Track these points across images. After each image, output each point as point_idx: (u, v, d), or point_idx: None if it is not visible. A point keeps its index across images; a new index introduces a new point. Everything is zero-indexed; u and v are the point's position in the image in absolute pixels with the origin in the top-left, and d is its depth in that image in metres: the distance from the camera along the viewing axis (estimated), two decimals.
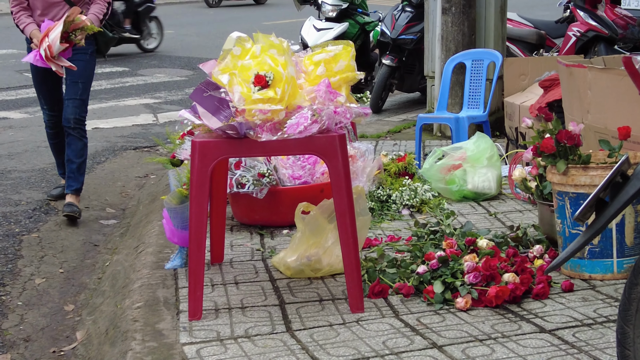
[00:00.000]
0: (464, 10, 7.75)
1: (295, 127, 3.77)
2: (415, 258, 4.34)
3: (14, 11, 6.09)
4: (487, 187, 5.69)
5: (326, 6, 9.90)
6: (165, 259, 4.74)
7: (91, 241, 5.87)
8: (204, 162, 3.87)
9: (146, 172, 7.52)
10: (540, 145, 4.23)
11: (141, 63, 13.36)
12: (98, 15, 6.07)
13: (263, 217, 5.21)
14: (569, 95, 5.49)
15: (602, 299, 3.93)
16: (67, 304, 4.86)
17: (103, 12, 6.11)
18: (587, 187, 4.08)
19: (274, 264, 4.52)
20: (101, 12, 6.10)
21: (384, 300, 4.02)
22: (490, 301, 3.88)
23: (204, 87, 3.88)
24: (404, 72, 9.58)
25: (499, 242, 4.51)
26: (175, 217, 4.49)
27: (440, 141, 7.74)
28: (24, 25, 6.03)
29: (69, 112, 6.16)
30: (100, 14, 6.08)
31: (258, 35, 3.96)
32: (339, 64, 4.08)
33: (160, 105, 10.38)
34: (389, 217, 5.37)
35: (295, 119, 3.79)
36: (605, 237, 4.11)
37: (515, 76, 7.09)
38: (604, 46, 8.89)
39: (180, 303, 4.09)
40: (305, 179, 5.30)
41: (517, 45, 9.23)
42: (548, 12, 14.28)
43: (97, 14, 6.07)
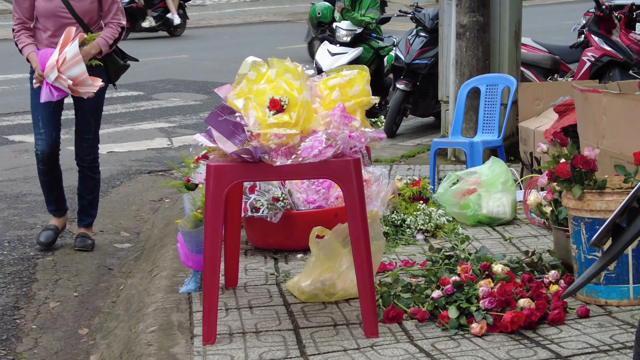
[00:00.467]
0: (479, 35, 7.77)
1: (310, 150, 3.78)
2: (430, 283, 4.33)
3: (15, 29, 5.73)
4: (502, 212, 5.68)
5: (340, 31, 9.93)
6: (180, 283, 4.74)
7: (105, 265, 5.88)
8: (218, 186, 3.87)
9: (161, 196, 7.54)
10: (556, 170, 4.22)
11: (156, 87, 13.42)
12: (108, 39, 5.70)
13: (277, 241, 5.21)
14: (584, 120, 5.49)
15: (619, 325, 3.90)
16: (81, 327, 4.86)
17: (114, 36, 5.74)
18: (602, 213, 4.06)
19: (288, 288, 4.51)
20: (112, 36, 5.73)
21: (398, 325, 4.01)
22: (506, 327, 3.86)
23: (219, 111, 3.90)
24: (418, 96, 9.59)
25: (514, 268, 4.49)
26: (189, 241, 4.49)
27: (455, 166, 7.73)
28: (23, 45, 5.67)
29: (84, 151, 5.91)
30: (111, 39, 5.72)
31: (273, 59, 3.97)
32: (354, 89, 4.09)
33: (175, 129, 10.42)
34: (404, 242, 5.36)
35: (309, 142, 3.79)
36: (621, 263, 4.09)
37: (530, 101, 7.09)
38: (619, 71, 8.88)
39: (194, 327, 4.09)
40: (319, 203, 5.30)
41: (531, 70, 9.23)
42: (562, 37, 14.29)
43: (108, 38, 5.70)
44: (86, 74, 5.41)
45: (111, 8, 5.77)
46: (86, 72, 5.41)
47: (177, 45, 18.88)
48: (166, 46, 18.61)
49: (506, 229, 5.59)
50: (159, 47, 18.52)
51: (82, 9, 5.70)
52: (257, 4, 27.57)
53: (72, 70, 5.37)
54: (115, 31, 5.76)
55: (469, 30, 7.76)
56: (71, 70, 5.37)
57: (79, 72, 5.40)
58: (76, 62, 5.37)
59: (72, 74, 5.38)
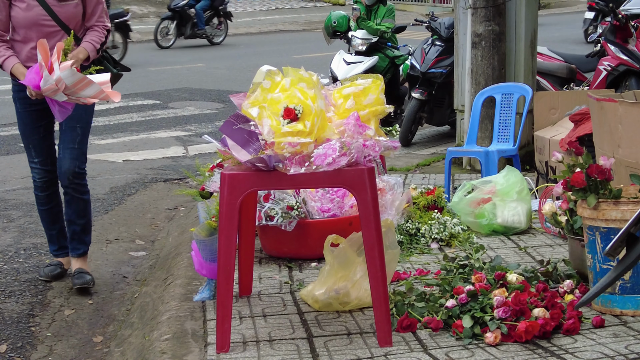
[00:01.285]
0: (494, 44, 7.76)
1: (323, 158, 3.78)
2: (444, 292, 4.32)
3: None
4: (517, 221, 5.66)
5: (356, 40, 9.94)
6: (194, 291, 4.75)
7: (120, 273, 5.90)
8: (233, 194, 3.88)
9: (176, 204, 7.56)
10: (571, 180, 4.21)
11: (172, 96, 13.46)
12: (95, 43, 5.18)
13: (291, 250, 5.21)
14: (600, 130, 5.47)
15: (634, 335, 3.88)
16: (95, 335, 4.87)
17: (101, 40, 5.22)
18: (618, 222, 4.04)
19: (302, 296, 4.51)
20: (99, 40, 5.21)
21: (412, 335, 4.00)
22: (520, 336, 3.84)
23: (234, 120, 3.91)
24: (433, 105, 9.58)
25: (529, 277, 4.47)
26: (204, 249, 4.50)
27: (470, 175, 7.72)
28: (3, 59, 5.09)
29: (66, 164, 5.23)
30: (98, 43, 5.19)
31: (288, 68, 3.98)
32: (368, 98, 4.09)
33: (190, 137, 10.45)
34: (418, 251, 5.35)
35: (322, 149, 3.79)
36: (636, 273, 4.07)
37: (546, 110, 7.07)
38: (635, 80, 8.85)
39: (208, 335, 4.09)
40: (334, 211, 5.30)
41: (547, 79, 9.20)
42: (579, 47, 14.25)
43: (94, 42, 5.18)
44: (103, 92, 4.87)
45: (95, 10, 5.26)
46: (102, 90, 4.86)
47: (193, 54, 18.95)
48: (183, 55, 18.69)
49: (521, 238, 5.58)
50: (177, 55, 18.60)
51: (66, 14, 5.16)
52: (273, 12, 27.64)
53: (85, 91, 4.84)
54: (102, 34, 5.26)
55: (484, 39, 7.76)
56: (84, 91, 4.84)
57: (94, 92, 4.85)
58: (84, 85, 4.81)
59: (87, 94, 4.86)
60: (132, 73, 6.52)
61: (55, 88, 4.76)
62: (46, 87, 4.78)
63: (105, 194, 7.81)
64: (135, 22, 24.19)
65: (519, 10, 7.90)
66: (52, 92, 4.79)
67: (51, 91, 4.79)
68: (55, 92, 4.79)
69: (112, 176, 8.50)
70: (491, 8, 7.72)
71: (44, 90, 4.81)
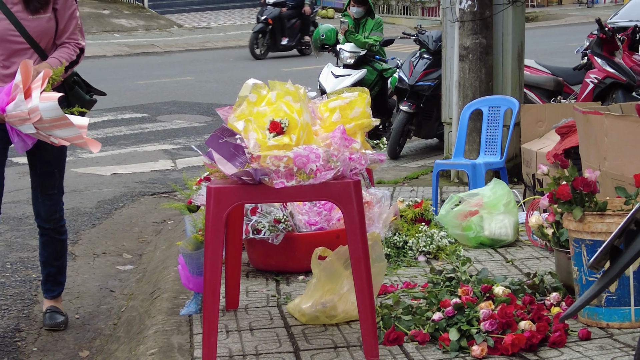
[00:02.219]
0: (481, 57, 7.79)
1: (305, 161, 3.74)
2: (431, 305, 4.32)
3: None
4: (504, 234, 5.67)
5: (344, 53, 9.96)
6: (181, 305, 4.74)
7: (107, 287, 5.88)
8: (219, 208, 3.88)
9: (164, 218, 7.54)
10: (557, 192, 4.22)
11: (160, 109, 13.45)
12: (61, 59, 4.59)
13: (279, 263, 5.20)
14: (586, 142, 5.49)
15: (620, 348, 3.88)
16: (82, 350, 4.85)
17: (71, 58, 4.65)
18: (603, 235, 4.05)
19: (289, 310, 4.50)
20: (69, 57, 4.64)
21: (399, 348, 3.99)
22: (507, 349, 3.84)
23: (220, 134, 3.91)
24: (421, 118, 9.61)
25: (516, 290, 4.48)
26: (190, 262, 4.49)
27: (458, 187, 7.73)
28: None
29: (49, 210, 4.83)
30: (67, 60, 4.62)
31: (274, 82, 3.99)
32: (354, 111, 4.10)
33: (178, 151, 10.44)
34: (405, 264, 5.35)
35: (304, 151, 3.76)
36: (622, 285, 4.07)
37: (533, 123, 7.09)
38: (622, 93, 8.87)
39: (194, 349, 4.08)
40: (321, 225, 5.30)
41: (534, 92, 9.24)
42: (566, 59, 14.31)
43: (61, 58, 4.60)
44: (82, 137, 4.33)
45: (68, 25, 4.70)
46: (81, 135, 4.32)
47: (182, 67, 18.94)
48: (171, 68, 18.68)
49: (508, 251, 5.58)
50: (164, 68, 18.59)
51: (37, 29, 4.60)
52: None
53: (60, 131, 4.31)
54: (73, 52, 4.69)
55: (471, 53, 7.78)
56: (60, 131, 4.31)
57: (70, 135, 4.32)
58: (62, 124, 4.29)
59: (62, 135, 4.33)
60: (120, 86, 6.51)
61: (25, 117, 4.24)
62: (14, 113, 4.27)
63: (93, 208, 7.80)
64: (124, 36, 24.22)
65: (506, 23, 7.93)
66: (18, 120, 4.27)
67: (18, 119, 4.27)
68: (23, 121, 4.26)
69: (100, 190, 8.48)
70: (478, 21, 7.75)
71: (8, 116, 4.30)
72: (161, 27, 26.05)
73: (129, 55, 21.26)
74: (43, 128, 4.30)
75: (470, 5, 7.73)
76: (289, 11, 20.29)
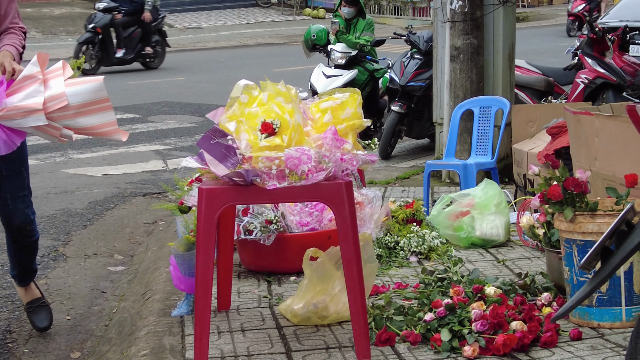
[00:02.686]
0: (472, 58, 7.80)
1: (296, 162, 3.75)
2: (423, 305, 4.32)
3: None
4: (496, 234, 5.68)
5: (335, 53, 9.97)
6: (173, 306, 4.73)
7: (99, 288, 5.86)
8: (210, 209, 3.87)
9: (155, 219, 7.53)
10: (548, 193, 4.23)
11: (152, 110, 13.44)
12: (17, 46, 4.36)
13: (270, 264, 5.20)
14: (577, 143, 5.50)
15: (611, 348, 3.89)
16: (73, 351, 4.84)
17: (22, 43, 4.42)
18: (594, 235, 4.06)
19: (280, 311, 4.50)
20: (20, 43, 4.40)
21: (390, 348, 4.00)
22: (498, 349, 3.85)
23: (211, 135, 3.91)
24: (412, 118, 9.62)
25: (507, 290, 4.49)
26: (182, 263, 4.49)
27: (449, 188, 7.74)
28: None
29: (20, 216, 4.53)
30: (20, 45, 4.39)
31: (265, 83, 3.99)
32: (346, 112, 4.10)
33: (170, 151, 10.43)
34: (397, 264, 5.36)
35: (296, 152, 3.76)
36: (613, 285, 4.08)
37: (524, 123, 7.11)
38: (612, 93, 8.90)
39: (186, 351, 4.08)
40: (312, 225, 5.30)
41: (525, 92, 9.25)
42: (557, 60, 14.34)
43: (17, 45, 4.37)
44: (114, 122, 4.14)
45: (9, 10, 4.45)
46: (114, 121, 4.14)
47: (173, 68, 18.91)
48: (162, 69, 18.65)
49: (500, 251, 5.59)
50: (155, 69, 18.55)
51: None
52: (253, 26, 27.66)
53: (89, 118, 4.09)
54: (22, 37, 4.46)
55: (462, 53, 7.79)
56: (88, 118, 4.09)
57: (101, 122, 4.12)
58: (97, 109, 4.09)
59: (89, 123, 4.12)
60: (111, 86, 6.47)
61: (35, 108, 4.04)
62: (20, 104, 4.04)
63: (84, 209, 7.78)
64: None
65: (496, 23, 7.94)
66: (22, 112, 4.04)
67: (22, 111, 4.04)
68: (28, 113, 4.04)
69: (91, 190, 8.47)
70: (469, 22, 7.76)
71: (8, 109, 4.05)
72: None
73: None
74: (61, 117, 4.07)
75: (461, 5, 7.74)
76: (124, 18, 17.40)
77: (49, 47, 21.42)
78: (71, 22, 25.13)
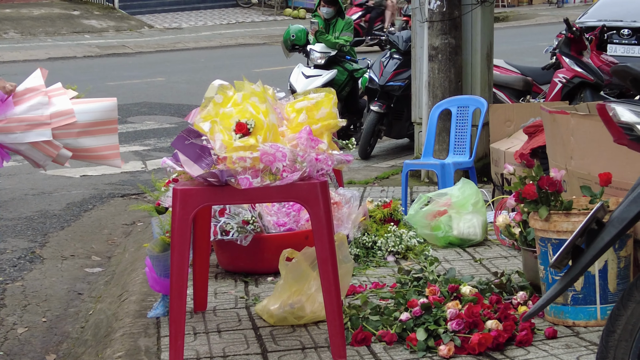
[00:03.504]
0: (451, 57, 7.81)
1: (272, 159, 3.74)
2: (399, 305, 4.32)
3: None
4: (473, 233, 5.69)
5: (315, 53, 9.96)
6: (149, 308, 4.71)
7: (75, 290, 5.83)
8: (185, 209, 3.86)
9: (133, 220, 7.50)
10: (523, 192, 4.24)
11: (131, 110, 13.38)
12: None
13: (247, 264, 5.19)
14: (553, 142, 5.51)
15: (586, 346, 3.91)
16: (49, 353, 4.81)
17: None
18: (569, 234, 4.07)
19: (257, 311, 4.49)
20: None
21: (366, 348, 4.00)
22: (473, 348, 3.86)
23: (186, 135, 3.89)
24: (392, 118, 9.63)
25: (483, 289, 4.49)
26: (157, 265, 4.47)
27: (428, 187, 7.75)
28: None
29: None
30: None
31: (240, 83, 3.98)
32: (321, 112, 4.10)
33: (149, 152, 10.39)
34: (374, 264, 5.36)
35: (271, 149, 3.75)
36: (588, 284, 4.10)
37: (501, 122, 7.12)
38: (590, 92, 8.93)
39: (161, 352, 4.06)
40: (290, 225, 5.29)
41: (503, 91, 9.28)
42: (536, 59, 14.39)
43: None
44: (117, 146, 4.00)
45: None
46: (117, 145, 4.01)
47: (153, 68, 18.85)
48: (142, 69, 18.59)
49: (477, 250, 5.60)
50: (134, 69, 18.50)
51: None
52: (234, 26, 27.61)
53: (91, 139, 3.93)
54: None
55: (441, 53, 7.80)
56: (90, 139, 3.93)
57: (103, 144, 3.99)
58: (103, 130, 3.92)
59: (90, 144, 3.97)
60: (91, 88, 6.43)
61: (42, 121, 3.84)
62: (23, 116, 3.79)
63: (62, 210, 7.74)
64: (95, 37, 24.08)
65: (474, 23, 7.95)
66: (25, 125, 3.81)
67: (26, 124, 3.82)
68: (32, 126, 3.83)
69: (69, 192, 8.42)
70: (447, 21, 7.77)
71: (8, 119, 3.81)
72: (132, 27, 25.92)
73: (100, 56, 21.12)
74: (64, 135, 3.88)
75: (439, 5, 7.75)
76: None
77: (27, 48, 21.33)
78: (50, 23, 25.01)
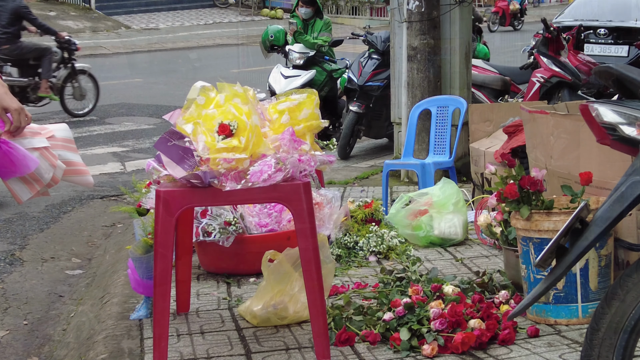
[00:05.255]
0: (429, 57, 7.84)
1: (259, 174, 3.78)
2: (382, 305, 4.34)
3: None
4: (454, 233, 5.71)
5: (293, 54, 9.97)
6: (131, 310, 4.70)
7: (56, 292, 5.81)
8: (168, 211, 3.85)
9: (113, 221, 7.48)
10: (504, 192, 4.26)
11: (109, 111, 13.34)
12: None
13: (230, 266, 5.18)
14: (533, 141, 5.54)
15: (568, 344, 3.94)
16: (30, 356, 4.79)
17: None
18: (550, 233, 4.10)
19: (240, 312, 4.49)
20: None
21: (350, 348, 4.01)
22: (457, 348, 3.87)
23: (168, 137, 3.89)
24: (371, 118, 9.65)
25: (465, 288, 4.52)
26: (140, 266, 4.46)
27: (408, 187, 7.77)
28: None
29: None
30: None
31: (222, 84, 3.97)
32: (303, 113, 4.10)
33: (127, 153, 10.36)
34: (356, 264, 5.37)
35: (258, 167, 3.79)
36: (569, 282, 4.13)
37: (480, 122, 7.16)
38: (568, 92, 9.01)
39: (145, 354, 4.05)
40: (272, 226, 5.29)
41: (482, 91, 9.33)
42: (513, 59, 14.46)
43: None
44: (84, 164, 4.13)
45: None
46: (83, 163, 4.13)
47: (130, 69, 18.80)
48: (119, 70, 18.52)
49: (458, 250, 5.63)
50: (112, 70, 18.42)
51: None
52: (211, 27, 27.58)
53: (70, 154, 4.04)
54: None
55: (420, 53, 7.83)
56: (69, 154, 4.04)
57: (77, 160, 4.10)
58: (73, 148, 4.07)
59: (71, 158, 4.05)
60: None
61: (36, 130, 3.89)
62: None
63: (41, 212, 7.70)
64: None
65: (453, 23, 7.99)
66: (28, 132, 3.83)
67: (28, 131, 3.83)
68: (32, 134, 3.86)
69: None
70: (426, 22, 7.80)
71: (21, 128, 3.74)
72: (108, 28, 25.83)
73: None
74: (54, 146, 3.96)
75: (417, 5, 7.78)
76: None
77: None
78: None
